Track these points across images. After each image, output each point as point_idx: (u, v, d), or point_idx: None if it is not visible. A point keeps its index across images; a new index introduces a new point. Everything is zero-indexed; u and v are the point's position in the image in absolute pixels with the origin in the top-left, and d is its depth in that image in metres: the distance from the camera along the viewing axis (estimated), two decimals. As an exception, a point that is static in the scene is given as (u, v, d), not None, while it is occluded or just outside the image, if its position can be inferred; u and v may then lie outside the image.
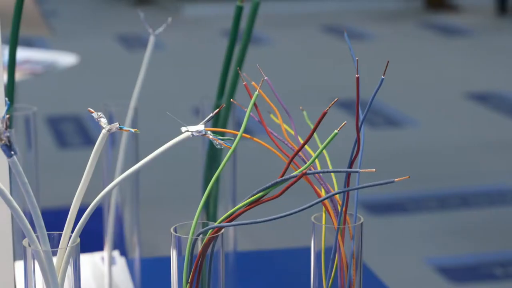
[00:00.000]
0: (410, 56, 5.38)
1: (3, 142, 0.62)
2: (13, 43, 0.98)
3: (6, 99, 0.63)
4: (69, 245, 0.68)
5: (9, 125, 0.62)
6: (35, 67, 2.61)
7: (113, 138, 1.03)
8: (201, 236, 0.70)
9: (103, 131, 0.68)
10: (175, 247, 0.71)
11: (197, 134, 0.67)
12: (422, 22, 6.44)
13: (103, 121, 0.69)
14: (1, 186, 0.64)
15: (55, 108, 4.28)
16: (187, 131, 0.67)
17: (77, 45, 5.21)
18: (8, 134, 0.62)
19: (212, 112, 0.69)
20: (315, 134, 0.72)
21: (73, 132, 4.01)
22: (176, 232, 0.71)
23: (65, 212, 0.72)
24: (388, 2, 7.05)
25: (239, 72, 0.79)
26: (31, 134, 1.01)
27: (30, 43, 4.86)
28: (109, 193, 0.71)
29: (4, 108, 0.62)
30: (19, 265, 0.91)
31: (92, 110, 0.70)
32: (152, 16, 5.84)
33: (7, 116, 0.62)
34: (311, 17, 6.70)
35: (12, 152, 0.63)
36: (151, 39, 1.03)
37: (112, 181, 1.02)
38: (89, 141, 3.88)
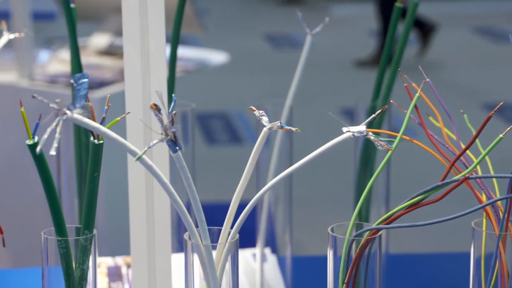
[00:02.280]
0: None
1: (169, 137, 0.64)
2: (174, 42, 1.00)
3: (173, 95, 0.65)
4: (228, 240, 0.69)
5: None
6: (187, 64, 2.67)
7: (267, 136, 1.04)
8: (357, 237, 0.70)
9: (265, 129, 0.69)
10: (332, 247, 0.71)
11: (358, 135, 0.67)
12: None
13: (265, 120, 0.70)
14: (165, 180, 0.66)
15: (204, 105, 4.36)
16: (348, 131, 0.67)
17: (227, 43, 5.29)
18: (174, 130, 0.64)
19: (367, 114, 0.68)
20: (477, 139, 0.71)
21: (221, 129, 4.07)
22: (333, 232, 0.71)
23: (214, 207, 0.73)
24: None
25: (400, 74, 0.78)
26: (188, 130, 1.03)
27: (182, 41, 4.96)
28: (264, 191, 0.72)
29: (171, 104, 0.63)
30: (175, 257, 0.93)
31: (254, 108, 0.71)
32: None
33: (174, 112, 0.63)
34: (462, 18, 6.56)
35: (177, 148, 0.64)
36: (308, 39, 1.04)
37: (266, 178, 1.03)
38: (236, 139, 3.93)
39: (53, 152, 0.59)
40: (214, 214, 0.82)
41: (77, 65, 0.98)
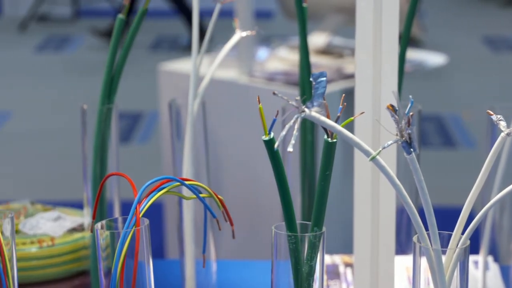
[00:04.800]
0: None
1: (404, 138, 0.63)
2: (404, 43, 0.99)
3: (410, 96, 0.64)
4: (458, 246, 0.68)
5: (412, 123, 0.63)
6: (405, 65, 2.64)
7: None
8: None
9: (502, 134, 0.67)
10: None
11: None
12: None
13: (502, 124, 0.68)
14: (397, 182, 0.65)
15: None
16: None
17: (446, 45, 5.21)
18: (409, 131, 0.63)
19: None
20: None
21: (434, 132, 4.01)
22: None
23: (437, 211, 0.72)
24: None
25: None
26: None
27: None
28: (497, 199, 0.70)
29: (408, 106, 0.62)
30: (397, 259, 0.92)
31: (491, 113, 0.69)
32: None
33: (411, 113, 0.63)
34: None
35: (412, 149, 0.64)
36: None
37: (492, 184, 1.00)
38: (449, 142, 3.85)
39: (290, 149, 0.60)
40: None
41: (305, 63, 0.99)
